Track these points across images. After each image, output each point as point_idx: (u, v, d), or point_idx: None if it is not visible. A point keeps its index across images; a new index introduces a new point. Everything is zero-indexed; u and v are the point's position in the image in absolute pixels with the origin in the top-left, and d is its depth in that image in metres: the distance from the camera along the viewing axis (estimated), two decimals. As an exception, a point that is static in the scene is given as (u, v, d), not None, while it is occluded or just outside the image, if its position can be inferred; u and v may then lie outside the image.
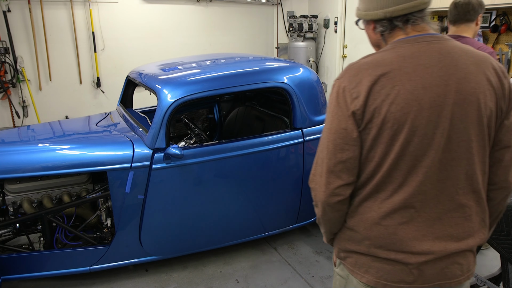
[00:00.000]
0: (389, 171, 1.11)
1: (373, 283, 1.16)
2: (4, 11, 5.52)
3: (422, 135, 1.06)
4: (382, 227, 1.13)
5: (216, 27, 7.32)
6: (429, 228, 1.13)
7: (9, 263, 2.43)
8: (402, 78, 1.05)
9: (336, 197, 1.14)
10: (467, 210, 1.14)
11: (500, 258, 1.86)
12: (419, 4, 1.10)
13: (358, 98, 1.07)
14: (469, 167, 1.12)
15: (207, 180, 2.58)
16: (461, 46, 1.12)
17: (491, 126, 1.13)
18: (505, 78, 1.13)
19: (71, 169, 2.38)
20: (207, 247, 2.79)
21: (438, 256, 1.12)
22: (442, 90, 1.06)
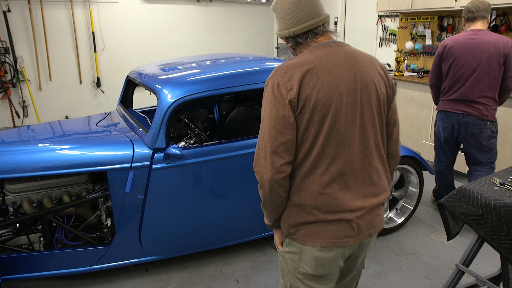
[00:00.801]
0: (323, 147, 1.35)
1: (325, 244, 1.39)
2: (4, 11, 5.53)
3: (344, 114, 1.34)
4: (325, 195, 1.37)
5: (216, 27, 7.33)
6: (359, 190, 1.41)
7: (9, 263, 2.43)
8: (323, 72, 1.33)
9: (280, 174, 1.34)
10: (379, 172, 1.47)
11: (500, 258, 1.86)
12: (316, 23, 1.39)
13: (292, 89, 1.31)
14: (376, 138, 1.44)
15: (207, 180, 2.58)
16: (356, 49, 1.45)
17: (385, 107, 1.47)
18: (387, 73, 1.51)
19: (71, 169, 2.39)
20: (207, 247, 2.79)
21: (367, 210, 1.42)
22: (352, 80, 1.36)
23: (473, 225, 1.91)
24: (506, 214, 1.75)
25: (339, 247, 1.41)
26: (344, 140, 1.36)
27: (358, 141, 1.38)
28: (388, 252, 3.01)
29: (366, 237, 1.45)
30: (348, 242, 1.40)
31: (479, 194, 1.88)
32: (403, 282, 2.66)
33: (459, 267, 2.09)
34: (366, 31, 6.63)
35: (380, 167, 1.47)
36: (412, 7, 5.02)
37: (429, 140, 4.75)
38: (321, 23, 1.41)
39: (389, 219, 3.31)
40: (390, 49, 6.13)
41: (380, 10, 5.60)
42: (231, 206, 2.69)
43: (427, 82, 4.65)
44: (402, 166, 3.16)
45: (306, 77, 1.31)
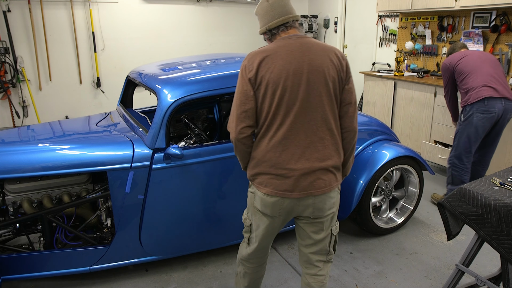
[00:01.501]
0: (273, 116, 1.73)
1: (269, 193, 1.78)
2: (4, 11, 5.53)
3: (290, 91, 1.70)
4: (272, 153, 1.75)
5: (216, 27, 7.32)
6: (302, 153, 1.73)
7: (9, 263, 2.43)
8: (277, 58, 1.71)
9: (241, 134, 1.76)
10: (325, 141, 1.76)
11: (500, 258, 1.86)
12: (285, 19, 1.80)
13: (252, 70, 1.72)
14: (323, 113, 1.74)
15: (207, 180, 2.58)
16: (315, 40, 1.79)
17: (336, 88, 1.76)
18: (343, 59, 1.80)
19: (71, 169, 2.39)
20: (207, 247, 2.79)
21: (307, 171, 1.73)
22: (300, 64, 1.71)
23: (473, 225, 1.91)
24: (506, 214, 1.75)
25: (279, 197, 1.77)
26: (290, 111, 1.71)
27: (303, 113, 1.71)
28: (388, 252, 3.01)
29: (307, 195, 1.76)
30: (286, 195, 1.76)
31: (479, 194, 1.88)
32: (403, 282, 2.66)
33: (459, 267, 2.09)
34: (366, 31, 6.63)
35: (328, 138, 1.76)
36: (412, 7, 5.02)
37: (429, 140, 4.75)
38: (291, 20, 1.80)
39: (389, 219, 3.31)
40: (390, 49, 6.13)
41: (380, 10, 5.60)
42: (231, 206, 2.69)
43: (427, 82, 4.66)
44: (402, 166, 3.16)
45: (263, 61, 1.71)
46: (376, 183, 3.01)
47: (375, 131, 3.27)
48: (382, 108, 5.42)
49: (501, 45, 4.38)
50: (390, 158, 3.01)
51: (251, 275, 2.13)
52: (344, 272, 2.77)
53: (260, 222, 1.92)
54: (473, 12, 4.64)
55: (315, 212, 1.82)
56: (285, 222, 1.91)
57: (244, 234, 2.09)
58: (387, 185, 3.21)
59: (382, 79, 5.37)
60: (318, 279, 1.98)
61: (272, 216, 1.86)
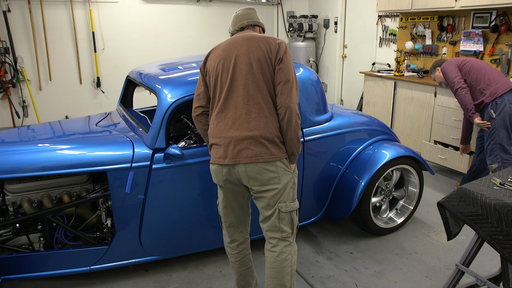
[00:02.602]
0: (213, 95, 2.05)
1: (212, 161, 2.06)
2: (4, 11, 5.53)
3: (222, 73, 2.01)
4: (212, 125, 2.04)
5: (216, 27, 7.33)
6: (233, 124, 1.97)
7: (9, 263, 2.43)
8: (219, 50, 2.08)
9: (195, 113, 2.14)
10: (252, 114, 1.96)
11: (500, 258, 1.86)
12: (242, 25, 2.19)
13: (203, 61, 2.13)
14: (249, 89, 1.96)
15: (207, 180, 2.58)
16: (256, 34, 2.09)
17: (264, 68, 1.97)
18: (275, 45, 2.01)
19: (71, 169, 2.39)
20: (207, 247, 2.79)
21: (236, 139, 1.95)
22: (232, 51, 2.03)
23: (473, 225, 1.91)
24: (506, 214, 1.75)
25: (216, 164, 2.01)
26: (222, 89, 2.00)
27: (232, 90, 1.98)
28: (388, 252, 3.01)
29: (236, 163, 1.95)
30: (220, 161, 1.99)
31: (479, 194, 1.88)
32: (403, 282, 2.66)
33: (459, 267, 2.09)
34: (366, 31, 6.63)
35: (255, 111, 1.95)
36: (412, 7, 5.02)
37: (429, 140, 4.75)
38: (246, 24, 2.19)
39: (389, 219, 3.31)
40: (390, 49, 6.13)
41: (380, 10, 5.60)
42: (231, 206, 2.69)
43: (427, 82, 4.66)
44: (402, 166, 3.16)
45: (211, 54, 2.11)
46: (376, 183, 3.01)
47: (375, 131, 3.27)
48: (382, 108, 5.42)
49: (501, 45, 4.38)
50: (390, 158, 3.01)
51: (235, 266, 2.29)
52: (344, 272, 2.77)
53: (219, 196, 2.18)
54: (473, 12, 4.64)
55: (250, 182, 1.98)
56: (238, 194, 2.11)
57: None
58: (387, 185, 3.21)
59: (382, 79, 5.37)
60: (271, 255, 2.06)
61: (221, 186, 2.10)
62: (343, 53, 7.29)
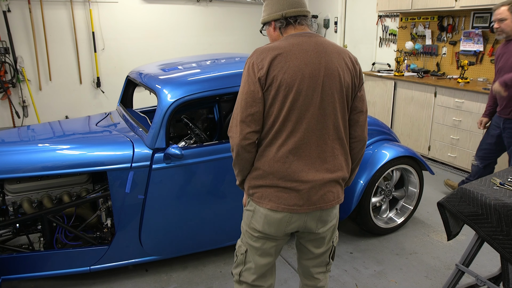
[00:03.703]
0: (283, 122, 1.54)
1: (275, 208, 1.59)
2: (4, 11, 5.52)
3: (304, 95, 1.53)
4: (280, 163, 1.56)
5: (216, 27, 7.32)
6: (312, 164, 1.58)
7: (9, 263, 2.43)
8: (292, 57, 1.53)
9: (247, 140, 1.55)
10: (335, 151, 1.63)
11: (500, 258, 1.86)
12: (303, 11, 1.64)
13: (262, 69, 1.51)
14: (335, 121, 1.60)
15: (207, 180, 2.58)
16: (329, 41, 1.64)
17: (349, 95, 1.63)
18: (357, 64, 1.69)
19: (71, 169, 2.39)
20: (207, 247, 2.79)
21: (318, 184, 1.59)
22: (316, 66, 1.54)
23: (473, 225, 1.91)
24: (506, 214, 1.75)
25: (287, 212, 1.60)
26: (303, 118, 1.54)
27: (316, 120, 1.56)
28: (388, 252, 3.01)
29: (316, 209, 1.61)
30: (296, 210, 1.59)
31: (479, 194, 1.88)
32: (403, 282, 2.66)
33: (459, 267, 2.09)
34: (366, 31, 6.63)
35: (338, 147, 1.63)
36: (412, 7, 5.02)
37: (429, 141, 4.75)
38: (307, 14, 1.66)
39: (389, 219, 3.31)
40: (390, 49, 6.13)
41: (380, 10, 5.60)
42: (231, 206, 2.69)
43: (427, 82, 4.66)
44: (402, 166, 3.16)
45: (276, 59, 1.52)
46: (376, 183, 3.01)
47: (375, 131, 3.27)
48: (382, 108, 5.42)
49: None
50: (390, 158, 3.01)
51: None
52: (344, 272, 2.77)
53: (258, 247, 1.71)
54: (473, 12, 4.64)
55: (318, 226, 1.67)
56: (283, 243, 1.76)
57: (234, 270, 1.83)
58: (387, 185, 3.21)
59: (382, 79, 5.37)
60: None
61: (275, 237, 1.68)
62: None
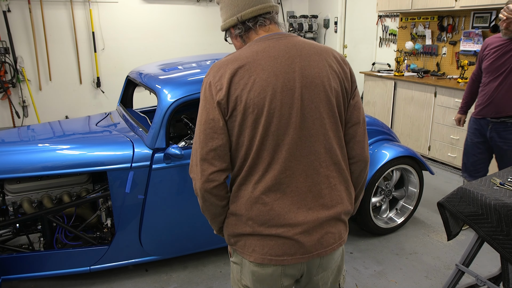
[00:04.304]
0: (258, 152, 1.22)
1: (260, 260, 1.26)
2: (4, 11, 5.53)
3: (279, 115, 1.20)
4: (260, 205, 1.24)
5: (216, 27, 7.32)
6: (302, 201, 1.25)
7: (9, 263, 2.43)
8: (257, 69, 1.20)
9: (211, 182, 1.23)
10: (331, 180, 1.29)
11: (500, 258, 1.86)
12: (264, 7, 1.28)
13: (221, 90, 1.19)
14: (327, 142, 1.27)
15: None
16: (305, 40, 1.30)
17: (340, 105, 1.29)
18: (345, 64, 1.32)
19: (71, 169, 2.39)
20: (207, 247, 2.79)
21: (312, 226, 1.25)
22: (290, 76, 1.21)
23: (473, 225, 1.91)
24: (506, 214, 1.75)
25: (276, 265, 1.26)
26: (281, 145, 1.21)
27: (299, 145, 1.23)
28: (388, 252, 3.01)
29: (314, 257, 1.27)
30: (287, 261, 1.25)
31: (479, 194, 1.88)
32: (403, 282, 2.66)
33: (459, 267, 2.09)
34: (366, 31, 6.63)
35: (334, 175, 1.29)
36: (412, 7, 5.02)
37: (429, 141, 4.75)
38: (271, 10, 1.30)
39: (389, 219, 3.31)
40: (390, 49, 6.13)
41: (380, 10, 5.60)
42: (231, 206, 2.69)
43: (427, 82, 4.66)
44: (402, 166, 3.16)
45: (237, 75, 1.19)
46: (376, 183, 3.01)
47: (375, 131, 3.27)
48: (382, 108, 5.42)
49: (501, 45, 4.37)
50: (390, 158, 3.01)
51: None
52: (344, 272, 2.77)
53: None
54: (473, 12, 4.64)
55: (319, 272, 1.35)
56: None
57: None
58: (387, 185, 3.21)
59: (382, 79, 5.37)
60: None
61: None
62: (343, 53, 7.28)
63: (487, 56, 2.94)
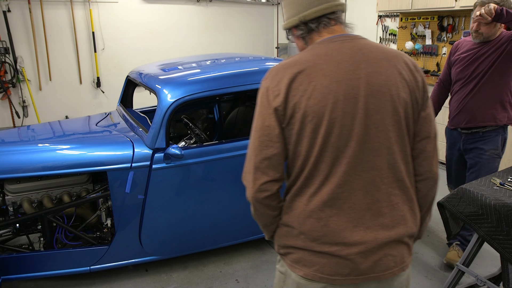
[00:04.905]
0: (315, 164, 1.15)
1: (310, 276, 1.19)
2: (4, 11, 5.52)
3: (341, 126, 1.12)
4: (314, 220, 1.16)
5: (216, 27, 7.32)
6: (360, 219, 1.16)
7: (9, 263, 2.43)
8: (318, 74, 1.12)
9: (263, 192, 1.18)
10: (393, 199, 1.18)
11: (500, 258, 1.86)
12: (330, 7, 1.20)
13: (279, 96, 1.13)
14: (391, 157, 1.17)
15: (207, 180, 2.58)
16: (373, 43, 1.21)
17: (409, 117, 1.19)
18: (417, 72, 1.21)
19: (71, 169, 2.38)
20: (207, 247, 2.79)
21: (370, 247, 1.15)
22: (354, 83, 1.12)
23: (473, 225, 1.91)
24: (506, 214, 1.75)
25: (326, 283, 1.18)
26: (341, 157, 1.13)
27: (360, 159, 1.14)
28: (388, 252, 3.00)
29: (370, 280, 1.18)
30: (339, 281, 1.17)
31: (479, 194, 1.88)
32: (403, 282, 2.65)
33: (459, 267, 2.09)
34: (366, 31, 6.62)
35: (397, 193, 1.19)
36: (412, 7, 5.02)
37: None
38: (336, 9, 1.22)
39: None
40: (390, 49, 6.12)
41: (380, 10, 5.60)
42: (231, 206, 2.69)
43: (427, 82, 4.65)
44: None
45: (296, 80, 1.12)
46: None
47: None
48: (382, 108, 5.41)
49: (501, 45, 4.37)
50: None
51: None
52: (344, 272, 2.77)
53: None
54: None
55: None
56: None
57: None
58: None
59: (382, 79, 5.36)
60: None
61: None
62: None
63: (458, 62, 2.70)
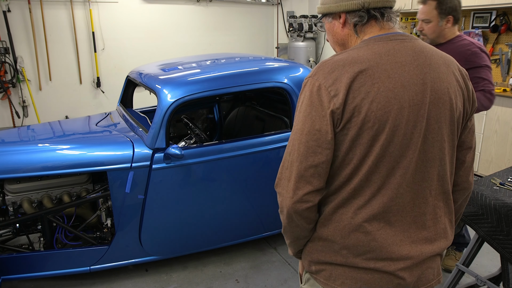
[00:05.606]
0: (368, 174, 1.05)
1: None
2: (4, 11, 5.52)
3: (402, 135, 1.03)
4: (360, 234, 1.07)
5: (216, 27, 7.33)
6: (405, 232, 1.10)
7: (9, 263, 2.43)
8: (381, 75, 1.01)
9: (304, 204, 1.06)
10: (437, 212, 1.13)
11: (500, 258, 1.86)
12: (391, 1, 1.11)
13: (337, 96, 1.00)
14: (441, 168, 1.11)
15: (207, 180, 2.58)
16: (430, 46, 1.12)
17: (459, 127, 1.14)
18: (468, 80, 1.15)
19: (71, 169, 2.38)
20: (207, 247, 2.79)
21: (416, 262, 1.10)
22: (420, 88, 1.03)
23: (473, 225, 1.91)
24: (506, 214, 1.75)
25: None
26: (396, 168, 1.04)
27: (414, 170, 1.06)
28: (388, 252, 3.00)
29: None
30: None
31: (479, 194, 1.88)
32: (403, 282, 2.65)
33: (459, 267, 2.09)
34: (366, 31, 6.63)
35: (441, 205, 1.14)
36: (412, 7, 5.02)
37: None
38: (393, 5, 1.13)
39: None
40: (390, 49, 6.13)
41: (380, 10, 5.59)
42: (231, 206, 2.69)
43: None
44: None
45: (357, 80, 1.00)
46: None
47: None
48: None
49: (501, 45, 4.37)
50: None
51: None
52: (344, 272, 2.77)
53: None
54: (473, 12, 4.64)
55: None
56: None
57: None
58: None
59: (382, 79, 5.37)
60: None
61: None
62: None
63: None
